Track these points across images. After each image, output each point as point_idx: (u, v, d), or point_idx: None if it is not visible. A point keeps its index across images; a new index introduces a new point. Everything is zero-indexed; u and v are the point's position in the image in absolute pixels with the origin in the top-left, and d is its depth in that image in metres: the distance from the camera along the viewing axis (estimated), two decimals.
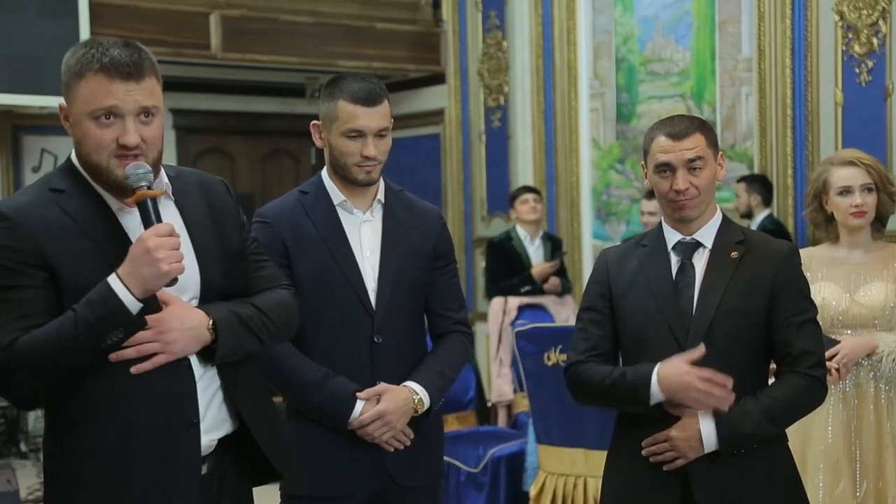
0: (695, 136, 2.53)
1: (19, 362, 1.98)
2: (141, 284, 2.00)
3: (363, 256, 2.72)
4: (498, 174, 8.01)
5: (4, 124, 7.85)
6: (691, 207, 2.55)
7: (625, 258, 2.63)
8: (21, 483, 5.35)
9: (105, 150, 2.05)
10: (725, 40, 6.77)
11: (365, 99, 2.66)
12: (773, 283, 2.53)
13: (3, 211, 2.04)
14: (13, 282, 2.01)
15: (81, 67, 2.05)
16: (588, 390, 2.58)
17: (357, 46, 7.92)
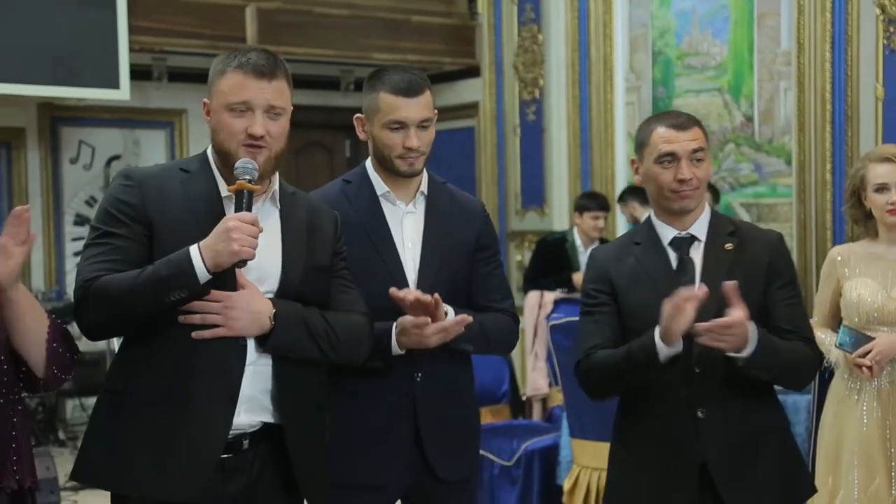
0: (695, 128, 2.60)
1: (95, 297, 2.24)
2: (213, 257, 2.23)
3: (404, 248, 2.73)
4: (532, 168, 7.99)
5: (43, 116, 7.93)
6: (693, 198, 2.59)
7: (620, 256, 2.66)
8: (59, 470, 5.40)
9: (236, 137, 2.33)
10: (764, 34, 6.72)
11: (406, 90, 2.66)
12: (768, 270, 2.60)
13: (132, 174, 2.38)
14: (114, 229, 2.31)
15: (224, 66, 2.36)
16: (599, 374, 2.59)
17: (392, 39, 7.93)
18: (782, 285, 2.62)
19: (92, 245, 2.32)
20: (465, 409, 2.80)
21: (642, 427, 2.61)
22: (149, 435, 2.27)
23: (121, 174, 2.39)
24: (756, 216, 6.79)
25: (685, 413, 2.54)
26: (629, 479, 2.64)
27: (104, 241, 2.30)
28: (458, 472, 2.76)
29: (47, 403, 7.32)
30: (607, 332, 2.61)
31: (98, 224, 2.33)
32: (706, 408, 2.53)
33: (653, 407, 2.58)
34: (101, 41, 6.86)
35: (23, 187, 7.90)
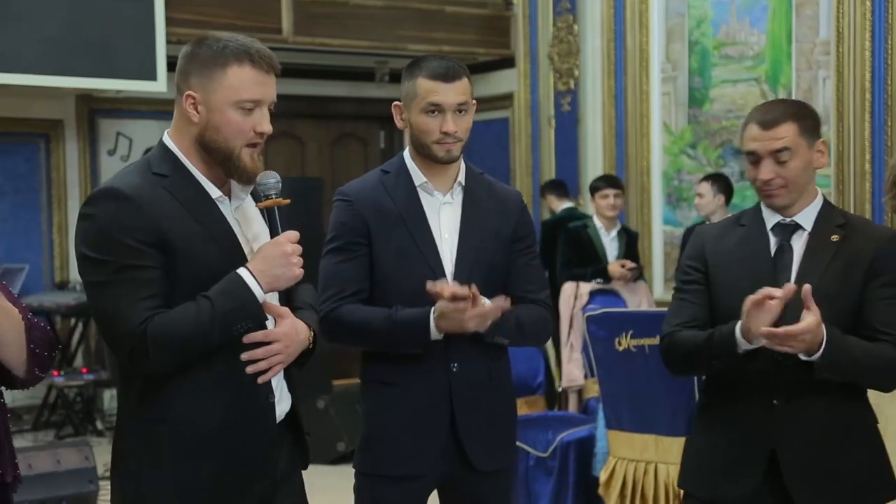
0: (785, 125, 2.50)
1: (157, 343, 2.10)
2: (271, 282, 2.18)
3: (442, 238, 2.72)
4: (567, 159, 7.96)
5: (81, 108, 8.00)
6: (779, 196, 2.53)
7: (722, 236, 2.63)
8: (98, 460, 5.45)
9: (243, 136, 2.21)
10: (802, 23, 6.65)
11: (443, 75, 2.67)
12: (871, 264, 2.50)
13: (123, 191, 2.14)
14: (137, 261, 2.12)
15: (227, 57, 2.19)
16: (681, 354, 2.58)
17: (427, 30, 7.92)
18: (883, 284, 2.50)
19: (112, 283, 2.11)
20: (501, 400, 2.80)
21: (720, 409, 2.60)
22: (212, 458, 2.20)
23: (109, 193, 2.15)
24: None
25: (761, 400, 2.51)
26: (702, 458, 2.64)
27: (131, 277, 2.11)
28: (494, 462, 2.75)
29: (85, 394, 7.39)
30: (695, 311, 2.58)
31: (108, 257, 2.12)
32: (783, 397, 2.50)
33: (732, 391, 2.56)
34: (139, 33, 6.91)
35: (61, 178, 7.98)
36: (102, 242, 2.12)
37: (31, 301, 7.49)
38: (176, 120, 2.27)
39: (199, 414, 2.19)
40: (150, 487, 2.19)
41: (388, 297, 2.69)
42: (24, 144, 7.87)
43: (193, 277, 2.16)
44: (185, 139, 2.24)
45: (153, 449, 2.19)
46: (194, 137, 2.23)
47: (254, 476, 2.26)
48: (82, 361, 7.76)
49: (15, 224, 7.84)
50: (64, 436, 7.06)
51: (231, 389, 2.22)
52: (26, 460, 5.06)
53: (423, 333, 2.61)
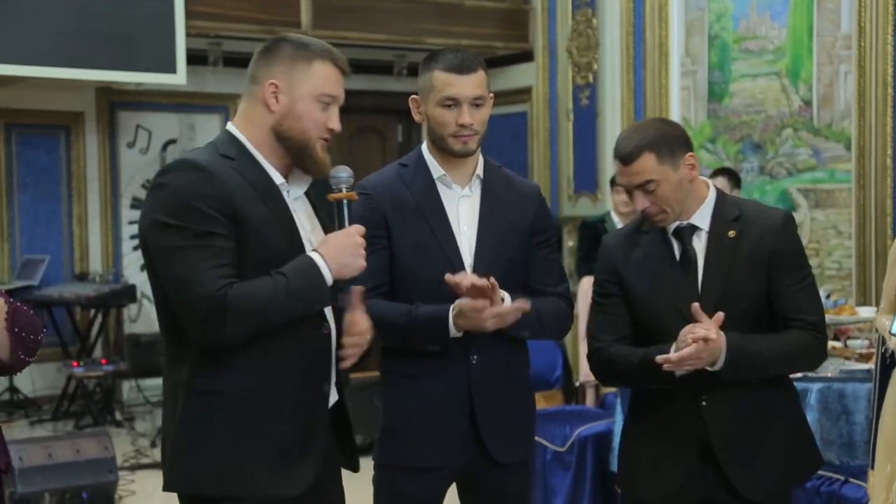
0: (640, 159, 2.56)
1: (237, 308, 2.14)
2: (339, 269, 2.24)
3: (460, 231, 2.72)
4: (585, 153, 7.94)
5: (101, 100, 8.03)
6: (662, 220, 2.63)
7: (628, 245, 2.71)
8: (117, 450, 5.48)
9: (319, 129, 2.30)
10: (824, 17, 6.61)
11: (459, 67, 2.67)
12: (772, 255, 2.60)
13: (198, 162, 2.22)
14: (210, 228, 2.17)
15: (312, 53, 2.30)
16: (614, 372, 2.71)
17: (445, 24, 7.91)
18: (788, 270, 2.61)
19: (190, 248, 2.15)
20: (520, 392, 2.80)
21: (651, 405, 2.70)
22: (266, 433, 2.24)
23: (186, 163, 2.22)
24: (814, 202, 6.70)
25: (690, 401, 2.61)
26: (637, 450, 2.72)
27: (205, 244, 2.15)
28: (513, 454, 2.76)
29: (105, 385, 7.43)
30: (619, 326, 2.68)
31: (185, 223, 2.16)
32: (709, 396, 2.60)
33: (661, 395, 2.66)
34: (159, 26, 6.93)
35: (81, 171, 8.02)
36: (179, 209, 2.16)
37: (51, 292, 7.54)
38: (246, 110, 2.33)
39: (257, 389, 2.22)
40: (206, 460, 2.23)
41: (407, 291, 2.69)
42: (45, 137, 7.92)
43: (259, 256, 2.20)
44: (256, 128, 2.30)
45: (210, 421, 2.22)
46: (270, 126, 2.29)
47: (303, 459, 2.28)
48: (101, 352, 7.80)
49: (36, 216, 7.89)
50: (83, 426, 7.10)
51: (291, 370, 2.25)
52: (46, 450, 5.09)
53: (442, 331, 2.62)
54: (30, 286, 7.57)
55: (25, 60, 6.63)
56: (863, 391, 3.90)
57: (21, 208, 7.85)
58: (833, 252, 6.62)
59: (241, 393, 2.22)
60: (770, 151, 6.95)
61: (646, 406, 2.72)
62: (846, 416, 3.78)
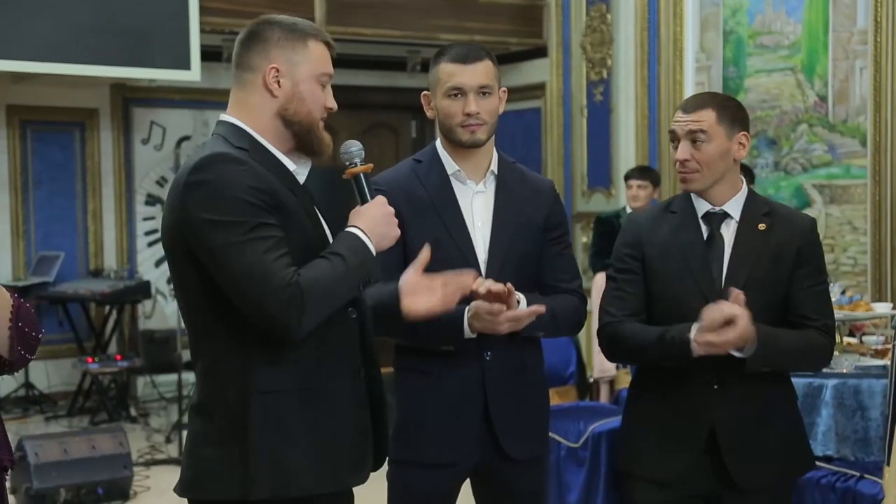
0: (704, 111, 2.62)
1: (312, 297, 2.09)
2: (378, 240, 2.25)
3: (475, 227, 2.72)
4: (599, 149, 7.93)
5: (115, 97, 8.05)
6: (692, 180, 2.65)
7: (656, 224, 2.74)
8: (132, 446, 5.51)
9: (321, 109, 2.27)
10: (840, 12, 6.58)
11: (464, 57, 2.69)
12: (798, 254, 2.65)
13: (233, 154, 2.15)
14: (265, 219, 2.11)
15: (304, 33, 2.25)
16: (625, 347, 2.71)
17: (459, 20, 7.91)
18: (811, 272, 2.67)
19: (249, 242, 2.08)
20: (534, 389, 2.80)
21: (658, 391, 2.72)
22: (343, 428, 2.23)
23: (222, 157, 2.14)
24: (829, 197, 6.67)
25: (701, 385, 2.63)
26: (641, 432, 2.74)
27: (263, 235, 2.09)
28: (527, 451, 2.76)
29: (119, 381, 7.46)
30: (634, 304, 2.71)
31: (239, 217, 2.08)
32: (721, 381, 2.62)
33: (671, 376, 2.67)
34: (173, 22, 6.94)
35: (96, 167, 8.04)
36: (227, 204, 2.09)
37: (66, 288, 7.57)
38: (243, 99, 2.26)
39: (314, 382, 2.20)
40: (286, 453, 2.16)
41: None
42: (60, 133, 7.94)
43: (299, 244, 2.17)
44: (259, 116, 2.24)
45: (282, 417, 2.16)
46: (275, 111, 2.24)
47: (364, 443, 2.28)
48: (116, 348, 7.83)
49: (51, 212, 7.92)
50: (98, 422, 7.13)
51: (332, 358, 2.23)
52: (62, 446, 5.12)
53: (456, 331, 2.62)
54: (45, 282, 7.60)
55: (40, 57, 6.65)
56: (878, 387, 3.89)
57: (36, 205, 7.88)
58: (848, 248, 6.60)
59: (299, 387, 2.19)
60: (785, 147, 6.92)
61: (653, 386, 2.73)
62: (861, 412, 3.77)
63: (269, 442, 2.15)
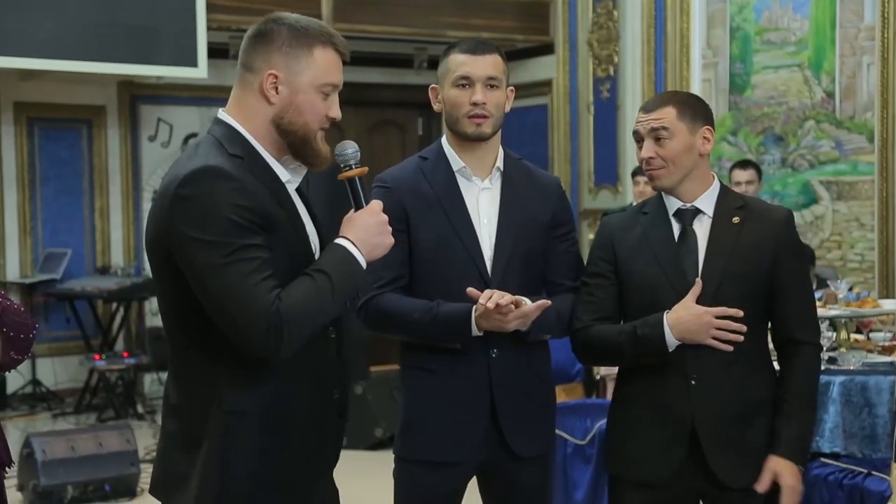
0: (664, 108, 2.64)
1: (290, 322, 2.02)
2: (370, 251, 2.16)
3: (480, 224, 2.72)
4: (606, 146, 7.92)
5: (122, 94, 8.06)
6: (659, 177, 2.66)
7: (628, 225, 2.74)
8: (139, 443, 5.51)
9: (320, 120, 2.17)
10: (847, 8, 6.56)
11: (474, 49, 2.71)
12: (775, 247, 2.63)
13: (222, 169, 2.05)
14: (250, 240, 2.04)
15: (312, 39, 2.14)
16: (599, 350, 2.72)
17: (466, 17, 7.90)
18: (791, 266, 2.65)
19: (234, 263, 2.01)
20: (541, 386, 2.80)
21: (641, 386, 2.70)
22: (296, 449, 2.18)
23: (212, 172, 2.05)
24: (836, 194, 6.66)
25: (679, 380, 2.62)
26: (624, 433, 2.72)
27: (248, 257, 2.02)
28: (533, 448, 2.75)
29: (126, 378, 7.47)
30: (605, 307, 2.71)
31: (225, 238, 2.02)
32: (699, 376, 2.61)
33: (650, 373, 2.67)
34: (180, 19, 6.95)
35: (103, 164, 8.05)
36: (213, 223, 2.02)
37: (73, 285, 7.58)
38: (242, 99, 2.18)
39: (283, 406, 2.15)
40: (235, 477, 2.13)
41: (427, 283, 2.69)
42: (67, 130, 7.95)
43: (285, 261, 2.09)
44: (255, 121, 2.16)
45: (239, 438, 2.12)
46: (270, 119, 2.15)
47: (324, 470, 2.26)
48: (123, 345, 7.84)
49: (58, 209, 7.94)
50: (105, 419, 7.14)
51: (306, 381, 2.18)
52: (69, 443, 5.13)
53: (463, 330, 2.61)
54: (52, 280, 7.61)
55: (47, 54, 6.66)
56: (886, 384, 3.88)
57: (43, 202, 7.89)
58: (855, 244, 6.58)
59: (265, 410, 2.13)
60: (792, 143, 6.91)
61: (634, 386, 2.72)
62: (869, 408, 3.76)
63: (219, 461, 2.12)
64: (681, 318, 2.56)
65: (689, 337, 2.56)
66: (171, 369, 2.23)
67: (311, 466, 2.21)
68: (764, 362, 2.70)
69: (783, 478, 2.57)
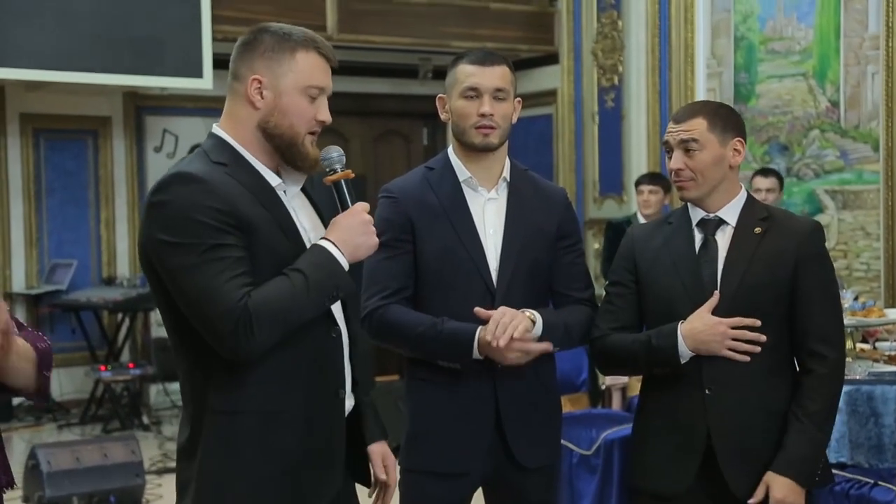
0: (695, 119, 2.61)
1: (260, 316, 2.06)
2: (353, 251, 2.19)
3: (486, 234, 2.72)
4: (611, 155, 7.92)
5: (128, 105, 8.08)
6: (688, 189, 2.64)
7: (650, 235, 2.73)
8: (144, 454, 5.51)
9: (307, 123, 2.20)
10: (851, 17, 6.56)
11: (482, 60, 2.71)
12: (797, 258, 2.59)
13: (194, 174, 2.10)
14: (221, 240, 2.07)
15: (294, 43, 2.19)
16: (615, 359, 2.73)
17: (470, 27, 7.92)
18: (814, 278, 2.60)
19: (203, 264, 2.05)
20: (546, 396, 2.80)
21: (656, 402, 2.69)
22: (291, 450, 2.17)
23: (182, 177, 2.10)
24: (841, 203, 6.65)
25: (695, 389, 2.60)
26: (642, 443, 2.72)
27: (218, 256, 2.06)
28: (539, 459, 2.75)
29: (132, 389, 7.47)
30: (624, 317, 2.71)
31: (192, 240, 2.06)
32: (714, 387, 2.59)
33: (666, 384, 2.66)
34: (186, 31, 6.97)
35: (109, 175, 8.07)
36: (183, 225, 2.07)
37: (78, 296, 7.59)
38: (231, 109, 2.24)
39: (278, 404, 2.16)
40: (229, 478, 2.15)
41: (432, 294, 2.69)
42: (73, 141, 7.97)
43: (268, 263, 2.13)
44: (243, 128, 2.21)
45: (232, 440, 2.14)
46: (256, 124, 2.20)
47: (328, 470, 2.23)
48: (129, 356, 7.84)
49: (64, 220, 7.95)
50: (111, 430, 7.14)
51: (304, 379, 2.18)
52: (74, 454, 5.13)
53: (465, 351, 2.62)
54: (58, 290, 7.63)
55: (53, 66, 6.69)
56: (892, 393, 3.87)
57: (49, 213, 7.91)
58: (861, 253, 6.57)
59: (257, 409, 2.15)
60: (797, 153, 6.90)
61: (653, 397, 2.72)
62: (875, 418, 3.75)
63: (214, 464, 2.14)
64: (695, 328, 2.55)
65: (704, 348, 2.55)
66: (179, 377, 2.26)
67: (312, 466, 2.20)
68: (785, 373, 2.65)
69: (773, 490, 2.54)
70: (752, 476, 2.58)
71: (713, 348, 2.55)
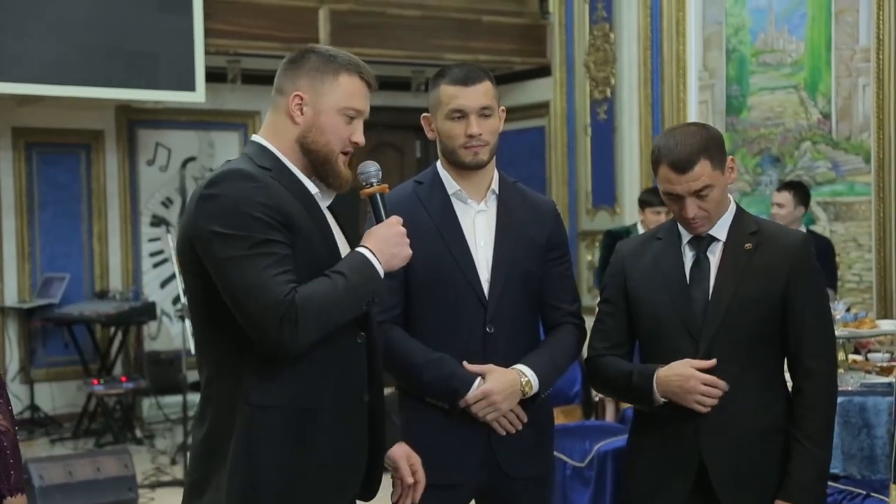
0: (698, 165, 2.54)
1: (307, 311, 2.12)
2: (388, 260, 2.27)
3: (477, 247, 2.73)
4: (603, 167, 7.94)
5: (120, 118, 8.08)
6: (704, 227, 2.62)
7: (640, 252, 2.71)
8: (137, 468, 5.50)
9: (342, 143, 2.30)
10: (842, 30, 6.59)
11: (464, 79, 2.70)
12: (789, 272, 2.57)
13: (247, 171, 2.20)
14: (270, 236, 2.15)
15: (339, 66, 2.29)
16: (606, 385, 2.79)
17: (463, 40, 7.94)
18: (806, 291, 2.58)
19: (253, 256, 2.12)
20: (538, 408, 2.79)
21: (649, 422, 2.69)
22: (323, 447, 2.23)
23: (236, 173, 2.19)
24: (833, 215, 6.67)
25: (686, 408, 2.58)
26: (635, 461, 2.72)
27: (267, 251, 2.13)
28: (530, 470, 2.75)
29: (125, 402, 7.45)
30: (612, 336, 2.72)
31: (244, 232, 2.13)
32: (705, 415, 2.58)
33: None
34: (178, 44, 6.98)
35: (101, 189, 8.07)
36: (235, 218, 2.14)
37: (71, 310, 7.58)
38: (272, 121, 2.32)
39: (312, 402, 2.22)
40: (264, 470, 2.18)
41: (423, 307, 2.70)
42: (66, 155, 7.97)
43: (308, 264, 2.19)
44: (283, 140, 2.29)
45: (267, 433, 2.18)
46: (295, 138, 2.29)
47: (353, 471, 2.30)
48: (121, 370, 7.83)
49: (56, 234, 7.94)
50: (104, 444, 7.12)
51: (335, 380, 2.25)
52: (67, 468, 5.12)
53: (451, 395, 2.66)
54: (50, 304, 7.61)
55: (45, 79, 6.69)
56: (884, 405, 3.88)
57: (42, 226, 7.90)
58: (853, 265, 6.59)
59: (294, 405, 2.20)
60: (789, 165, 6.93)
61: (645, 420, 2.71)
62: (867, 429, 3.75)
63: (246, 454, 2.18)
64: (668, 378, 2.56)
65: (673, 398, 2.56)
66: (204, 376, 2.29)
67: (340, 465, 2.26)
68: (777, 389, 2.63)
69: None
70: (747, 495, 2.57)
71: (680, 400, 2.56)
